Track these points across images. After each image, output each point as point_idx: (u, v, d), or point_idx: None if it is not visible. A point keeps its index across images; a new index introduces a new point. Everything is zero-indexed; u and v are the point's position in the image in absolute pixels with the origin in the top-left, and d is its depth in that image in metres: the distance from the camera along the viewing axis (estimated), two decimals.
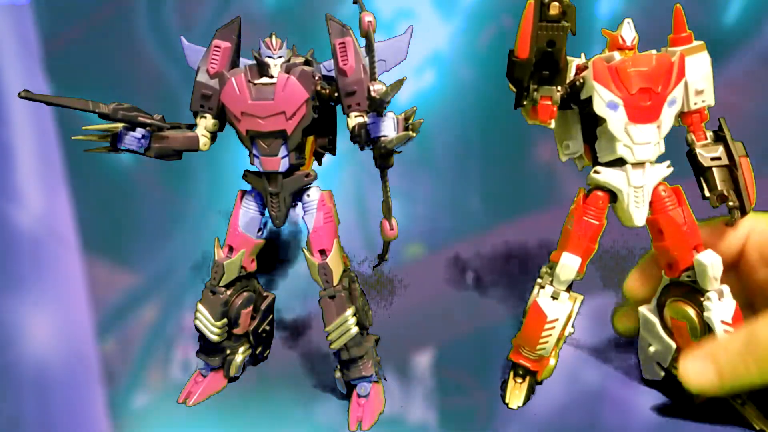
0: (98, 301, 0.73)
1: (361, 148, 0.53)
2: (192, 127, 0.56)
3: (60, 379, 0.63)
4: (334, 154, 0.59)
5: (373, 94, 0.47)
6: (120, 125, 0.54)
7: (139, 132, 0.54)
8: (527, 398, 0.56)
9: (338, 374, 0.57)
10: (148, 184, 0.78)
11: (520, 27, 0.47)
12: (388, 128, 0.50)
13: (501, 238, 0.76)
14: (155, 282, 0.75)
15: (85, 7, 0.79)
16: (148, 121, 0.53)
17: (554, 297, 0.53)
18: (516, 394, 0.56)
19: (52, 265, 0.76)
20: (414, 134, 0.48)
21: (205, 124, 0.56)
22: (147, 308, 0.73)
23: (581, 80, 0.51)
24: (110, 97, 0.53)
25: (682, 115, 0.53)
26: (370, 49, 0.48)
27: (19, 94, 0.51)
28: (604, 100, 0.50)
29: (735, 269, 0.55)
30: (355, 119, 0.53)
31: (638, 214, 0.52)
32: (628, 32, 0.52)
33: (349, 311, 0.55)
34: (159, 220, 0.78)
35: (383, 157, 0.51)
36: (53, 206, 0.79)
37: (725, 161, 0.53)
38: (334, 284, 0.55)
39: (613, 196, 0.52)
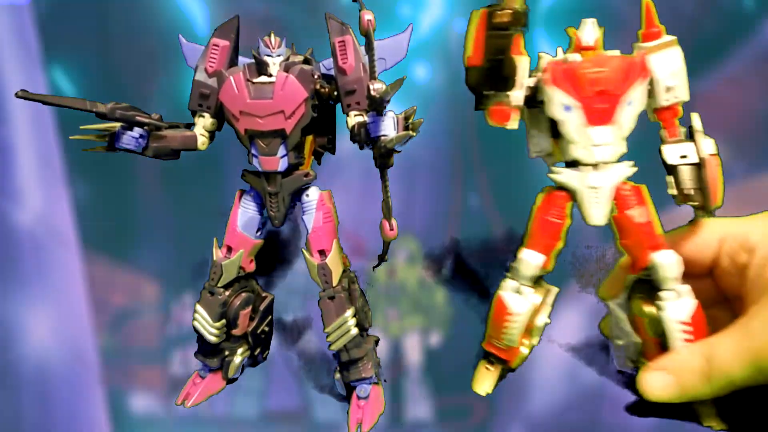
0: (98, 301, 0.72)
1: (361, 148, 0.52)
2: (190, 126, 0.56)
3: (60, 378, 0.63)
4: (333, 153, 0.59)
5: (372, 93, 0.47)
6: (118, 125, 0.53)
7: (137, 131, 0.53)
8: (495, 385, 0.57)
9: (338, 376, 0.57)
10: (148, 183, 0.78)
11: (472, 35, 0.47)
12: (388, 127, 0.50)
13: (496, 235, 0.76)
14: (156, 282, 0.75)
15: (84, 6, 0.79)
16: (146, 120, 0.53)
17: (518, 291, 0.54)
18: (484, 380, 0.57)
19: (53, 265, 0.76)
20: (414, 133, 0.48)
21: (204, 123, 0.56)
22: (147, 308, 0.72)
23: (540, 82, 0.52)
24: (110, 97, 0.53)
25: (655, 111, 0.53)
26: (369, 47, 0.48)
27: (16, 93, 0.51)
28: (560, 103, 0.51)
29: (711, 275, 0.55)
30: (354, 118, 0.53)
31: (597, 214, 0.52)
32: (589, 33, 0.52)
33: (349, 312, 0.55)
34: (159, 220, 0.78)
35: (383, 157, 0.51)
36: (53, 206, 0.79)
37: (694, 159, 0.52)
38: (334, 285, 0.55)
39: (573, 195, 0.53)
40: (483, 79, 0.48)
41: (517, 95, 0.52)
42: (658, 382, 0.51)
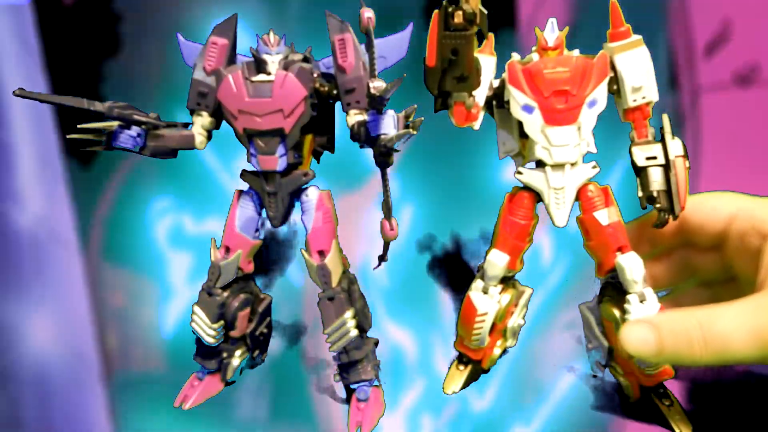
0: (98, 301, 0.72)
1: (361, 146, 0.52)
2: (188, 125, 0.56)
3: (60, 379, 0.63)
4: (332, 152, 0.59)
5: (372, 91, 0.46)
6: (115, 124, 0.53)
7: (135, 130, 0.53)
8: (466, 384, 0.58)
9: (337, 378, 0.57)
10: (147, 183, 0.78)
11: (429, 36, 0.47)
12: (388, 126, 0.50)
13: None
14: (156, 282, 0.74)
15: (84, 6, 0.79)
16: (144, 119, 0.53)
17: (484, 291, 0.55)
18: (454, 379, 0.58)
19: (53, 266, 0.76)
20: (414, 132, 0.47)
21: (202, 122, 0.55)
22: (147, 309, 0.72)
23: (502, 83, 0.53)
24: (110, 97, 0.53)
25: (624, 111, 0.53)
26: (369, 45, 0.48)
27: (14, 92, 0.51)
28: (519, 103, 0.51)
29: (719, 251, 0.54)
30: (354, 117, 0.52)
31: (559, 215, 0.53)
32: (550, 33, 0.52)
33: (349, 313, 0.54)
34: (158, 220, 0.77)
35: (383, 156, 0.50)
36: (53, 207, 0.79)
37: (662, 161, 0.52)
38: (333, 285, 0.54)
39: (539, 195, 0.53)
40: (437, 80, 0.48)
41: (478, 95, 0.52)
42: (639, 334, 0.48)
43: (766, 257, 0.49)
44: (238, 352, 0.60)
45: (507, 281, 0.57)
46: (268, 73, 0.52)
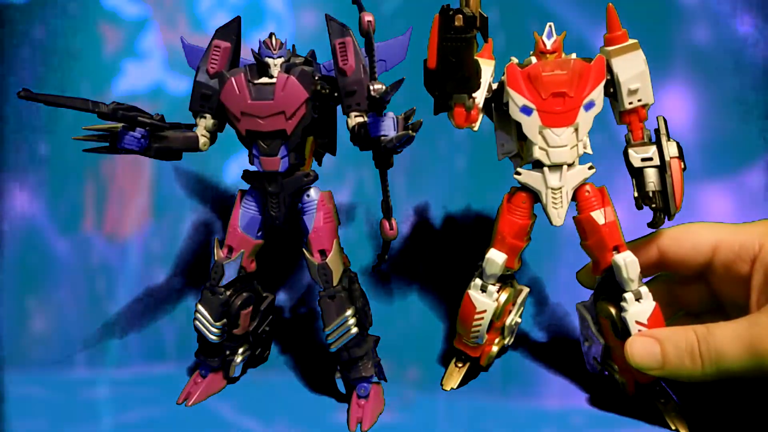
0: (97, 300, 0.72)
1: (361, 149, 0.53)
2: (191, 127, 0.56)
3: None
4: (334, 154, 0.59)
5: (372, 93, 0.47)
6: (119, 125, 0.53)
7: (139, 132, 0.54)
8: (464, 382, 0.60)
9: (338, 375, 0.57)
10: (149, 183, 0.78)
11: (430, 38, 0.48)
12: (388, 128, 0.50)
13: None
14: (157, 282, 0.75)
15: (84, 6, 0.79)
16: (148, 121, 0.53)
17: (483, 290, 0.56)
18: (452, 377, 0.60)
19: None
20: (414, 134, 0.48)
21: (205, 124, 0.56)
22: (148, 308, 0.72)
23: (501, 85, 0.54)
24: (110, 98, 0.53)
25: (620, 114, 0.54)
26: (369, 48, 0.49)
27: (18, 93, 0.51)
28: (517, 105, 0.52)
29: (704, 281, 0.56)
30: (354, 119, 0.53)
31: (556, 215, 0.54)
32: (548, 36, 0.53)
33: (349, 312, 0.55)
34: (160, 220, 0.78)
35: (383, 157, 0.51)
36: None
37: (657, 162, 0.53)
38: (334, 284, 0.55)
39: (537, 195, 0.54)
40: (436, 81, 0.49)
41: (478, 97, 0.53)
42: (643, 347, 0.50)
43: (756, 279, 0.51)
44: (240, 350, 0.61)
45: (505, 280, 0.58)
46: (271, 76, 0.53)
